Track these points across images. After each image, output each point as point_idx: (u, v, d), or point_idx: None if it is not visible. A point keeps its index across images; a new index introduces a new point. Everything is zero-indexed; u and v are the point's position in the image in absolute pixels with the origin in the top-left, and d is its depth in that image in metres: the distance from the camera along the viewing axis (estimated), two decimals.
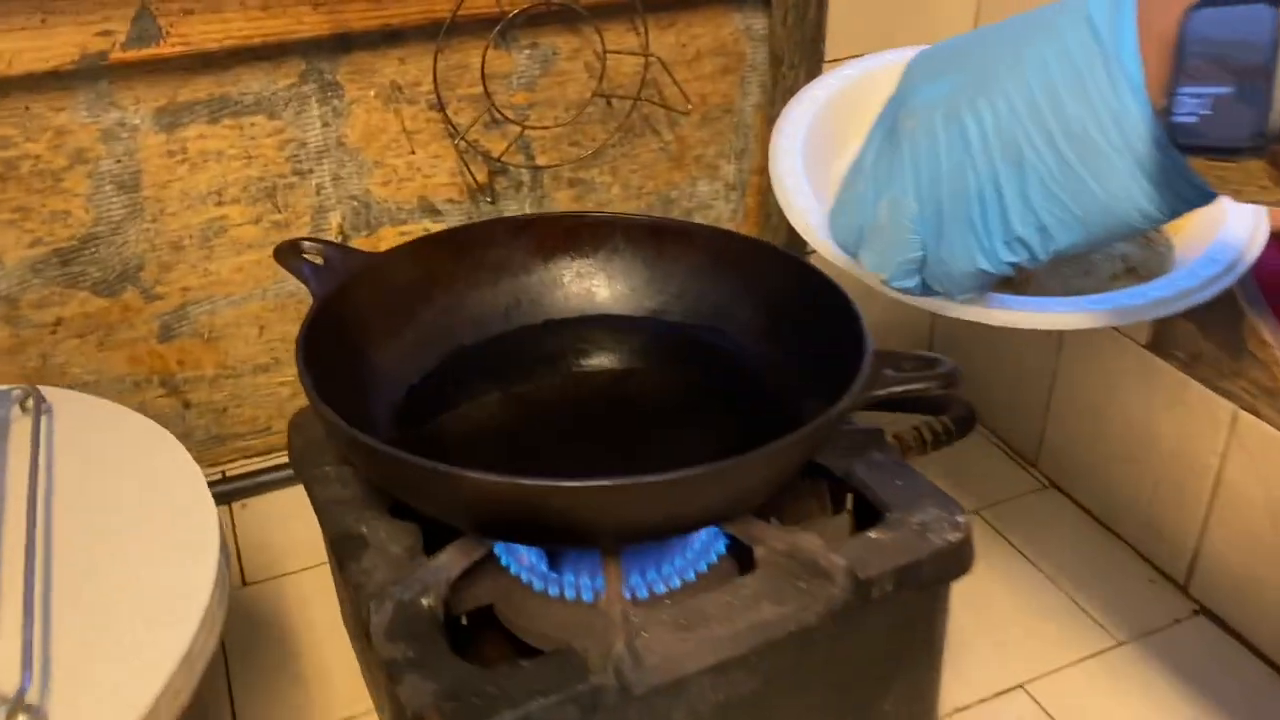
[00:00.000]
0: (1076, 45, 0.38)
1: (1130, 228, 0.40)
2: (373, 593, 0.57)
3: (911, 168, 0.43)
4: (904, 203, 0.44)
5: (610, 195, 0.96)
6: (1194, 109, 0.34)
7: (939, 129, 0.42)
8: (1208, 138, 0.34)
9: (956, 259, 0.44)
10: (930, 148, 0.42)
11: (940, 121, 0.42)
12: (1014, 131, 0.40)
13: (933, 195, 0.43)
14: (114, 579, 0.49)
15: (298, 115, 0.84)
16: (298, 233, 0.88)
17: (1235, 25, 0.33)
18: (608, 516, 0.54)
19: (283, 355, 0.92)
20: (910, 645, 0.62)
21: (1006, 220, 0.41)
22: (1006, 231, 0.41)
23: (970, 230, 0.42)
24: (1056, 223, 0.40)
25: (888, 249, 0.46)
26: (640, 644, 0.53)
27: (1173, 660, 0.73)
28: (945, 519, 0.61)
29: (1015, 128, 0.40)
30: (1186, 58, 0.34)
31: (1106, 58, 0.37)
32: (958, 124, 0.41)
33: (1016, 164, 0.40)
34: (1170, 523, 0.78)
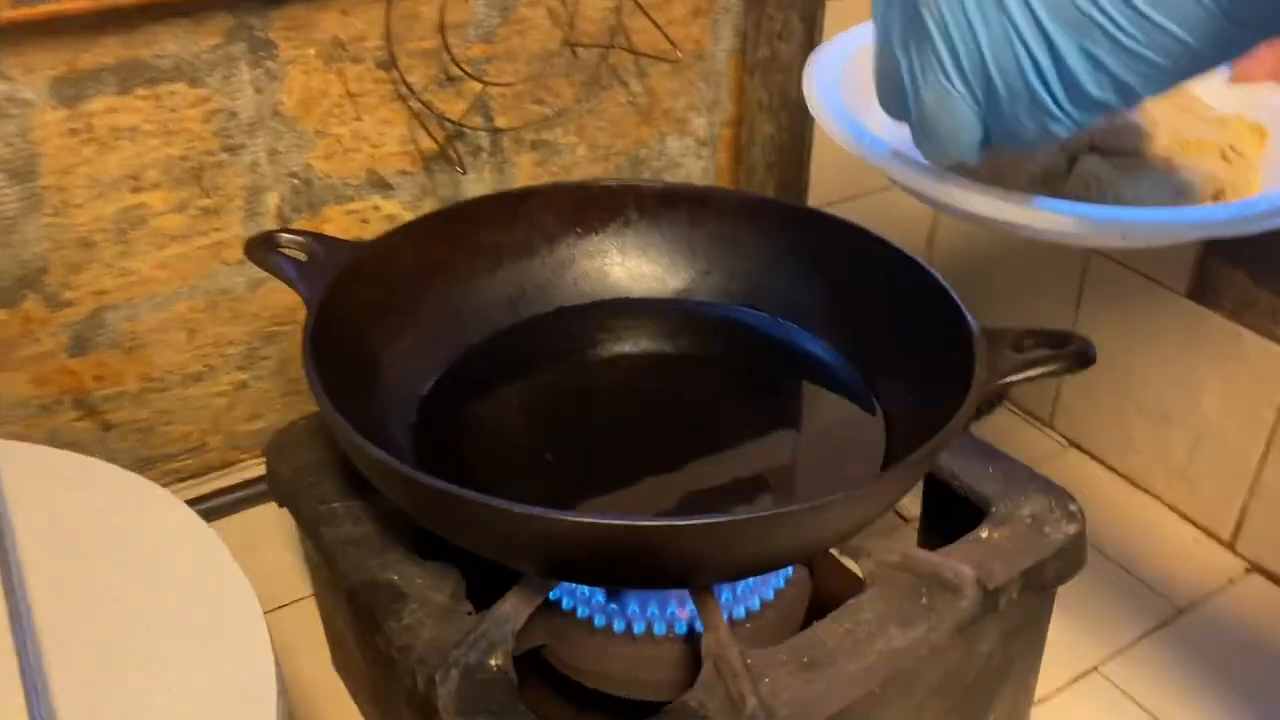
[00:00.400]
0: None
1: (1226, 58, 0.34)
2: (426, 657, 0.48)
3: (946, 49, 0.37)
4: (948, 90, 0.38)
5: (576, 157, 0.86)
6: None
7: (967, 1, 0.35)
8: None
9: (1024, 131, 0.37)
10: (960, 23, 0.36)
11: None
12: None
13: (979, 75, 0.37)
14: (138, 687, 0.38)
15: (225, 81, 0.71)
16: (229, 219, 0.75)
17: None
18: (714, 554, 0.45)
19: (216, 361, 0.80)
20: (1022, 651, 0.56)
21: (1076, 86, 0.35)
22: (1076, 97, 0.35)
23: (1035, 105, 0.36)
24: (1137, 77, 0.34)
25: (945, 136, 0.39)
26: (765, 692, 0.46)
27: (1234, 621, 0.70)
28: (1057, 510, 0.55)
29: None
30: None
31: None
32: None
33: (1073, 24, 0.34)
34: (1214, 480, 0.74)
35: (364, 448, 0.44)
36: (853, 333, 0.59)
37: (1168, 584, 0.72)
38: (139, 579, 0.41)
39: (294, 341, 0.82)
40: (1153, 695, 0.66)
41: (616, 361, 0.63)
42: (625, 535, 0.42)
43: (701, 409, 0.60)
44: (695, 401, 0.61)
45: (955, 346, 0.51)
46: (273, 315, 0.80)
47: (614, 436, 0.58)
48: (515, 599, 0.49)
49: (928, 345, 0.53)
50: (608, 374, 0.62)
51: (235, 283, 0.77)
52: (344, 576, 0.53)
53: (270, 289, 0.79)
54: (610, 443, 0.58)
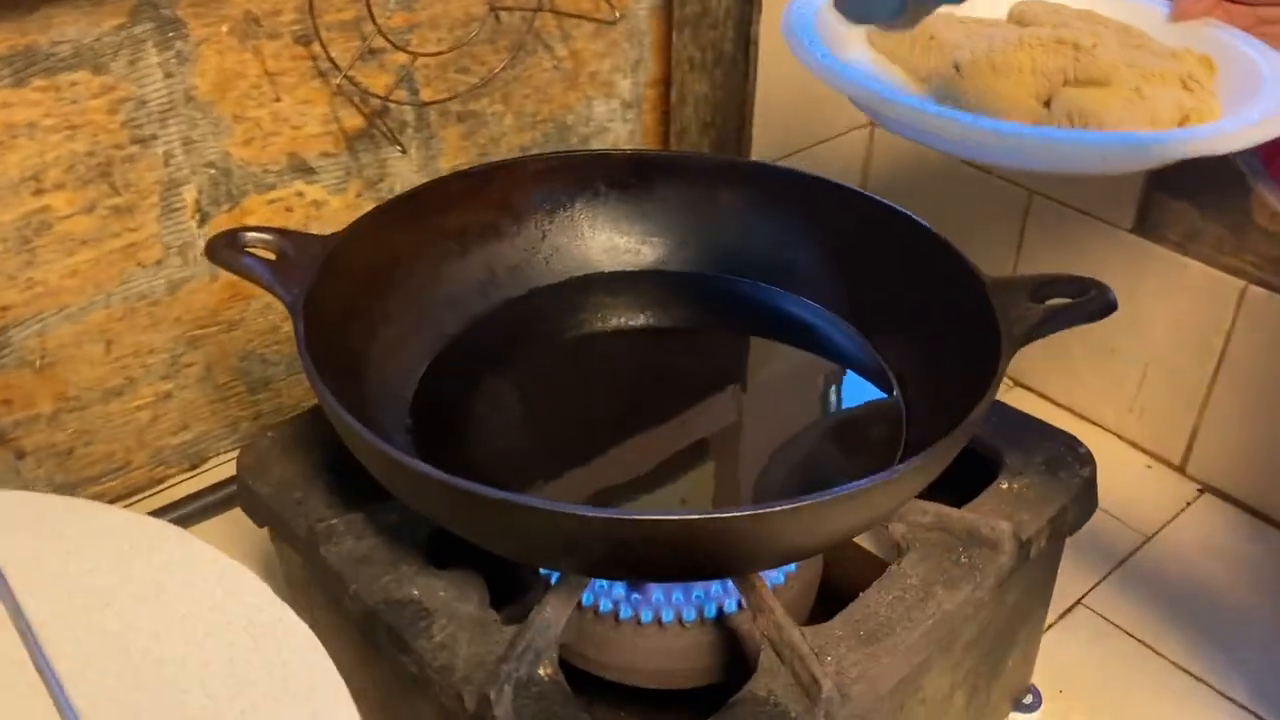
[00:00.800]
0: None
1: None
2: (471, 675, 0.45)
3: None
4: None
5: (504, 127, 0.82)
6: None
7: None
8: None
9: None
10: None
11: None
12: None
13: None
14: None
15: (131, 66, 0.64)
16: (144, 218, 0.69)
17: None
18: (768, 541, 0.43)
19: (137, 373, 0.73)
20: (1039, 596, 0.57)
21: None
22: None
23: None
24: None
25: None
26: (832, 671, 0.45)
27: (1194, 543, 0.73)
28: (1068, 453, 0.55)
29: None
30: None
31: None
32: None
33: None
34: (1163, 408, 0.77)
35: (402, 461, 0.40)
36: (847, 294, 0.58)
37: (1130, 513, 0.75)
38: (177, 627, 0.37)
39: (219, 345, 0.76)
40: (1136, 620, 0.68)
41: (599, 341, 0.61)
42: (679, 530, 0.40)
43: (699, 385, 0.58)
44: (691, 377, 0.59)
45: (966, 301, 0.51)
46: (195, 319, 0.74)
47: (615, 421, 0.56)
48: (555, 602, 0.47)
49: (933, 301, 0.53)
50: (593, 355, 0.60)
51: (154, 286, 0.71)
52: (356, 598, 0.49)
53: (192, 290, 0.73)
54: (612, 428, 0.55)
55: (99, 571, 0.39)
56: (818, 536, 0.44)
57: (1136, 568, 0.71)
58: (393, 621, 0.48)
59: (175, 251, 0.71)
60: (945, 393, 0.50)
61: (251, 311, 0.76)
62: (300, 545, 0.52)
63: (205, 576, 0.39)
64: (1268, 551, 0.72)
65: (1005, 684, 0.59)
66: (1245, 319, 0.70)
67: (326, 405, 0.44)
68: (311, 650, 0.37)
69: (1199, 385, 0.74)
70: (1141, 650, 0.66)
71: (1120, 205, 0.74)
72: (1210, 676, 0.64)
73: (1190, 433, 0.76)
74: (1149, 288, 0.74)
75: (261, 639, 0.37)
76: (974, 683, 0.55)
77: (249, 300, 0.75)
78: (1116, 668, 0.65)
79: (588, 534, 0.40)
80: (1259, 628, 0.67)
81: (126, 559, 0.40)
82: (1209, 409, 0.75)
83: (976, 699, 0.56)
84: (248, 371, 0.78)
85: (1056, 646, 0.66)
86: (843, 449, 0.54)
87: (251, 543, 0.63)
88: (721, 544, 0.41)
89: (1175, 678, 0.64)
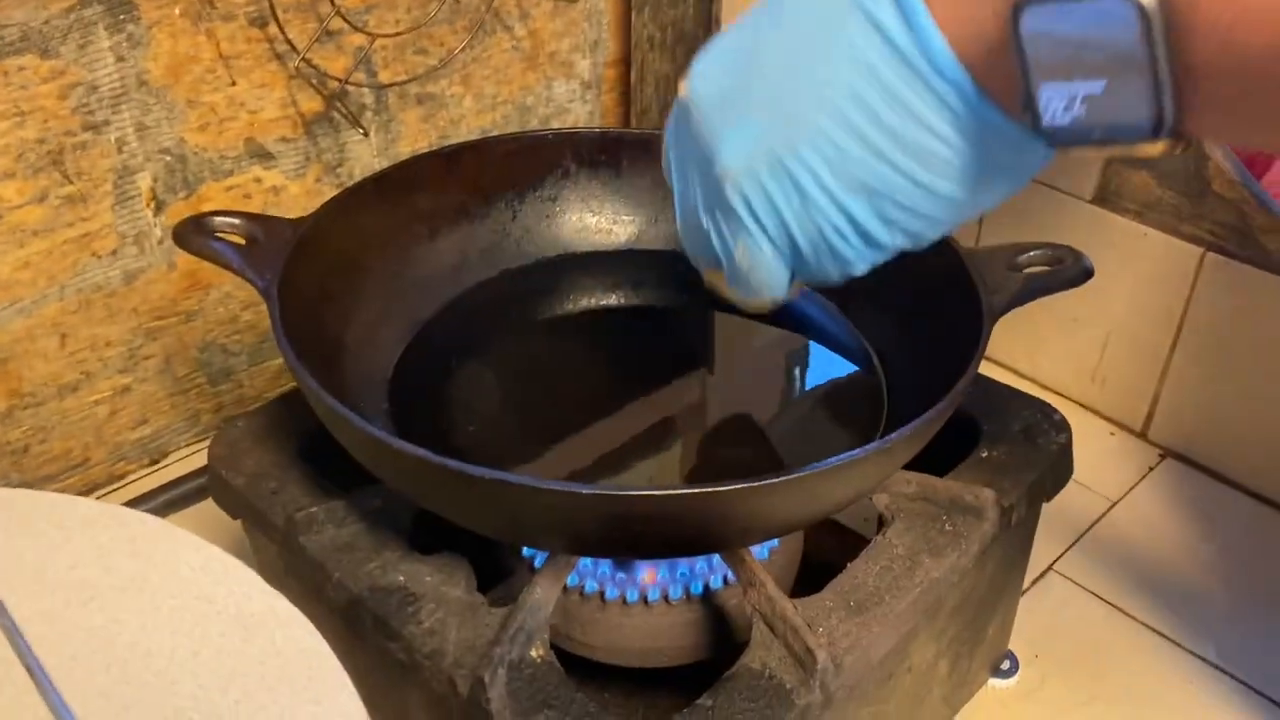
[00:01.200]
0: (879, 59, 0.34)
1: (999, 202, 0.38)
2: (462, 659, 0.44)
3: (752, 221, 0.39)
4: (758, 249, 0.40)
5: (464, 109, 0.81)
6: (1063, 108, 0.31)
7: (766, 181, 0.38)
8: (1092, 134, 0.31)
9: (830, 274, 0.40)
10: (764, 201, 0.38)
11: (765, 173, 0.38)
12: (847, 166, 0.36)
13: (783, 238, 0.39)
14: None
15: (81, 50, 0.63)
16: (98, 207, 0.67)
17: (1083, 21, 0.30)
18: (760, 515, 0.43)
19: (94, 366, 0.71)
20: (1017, 562, 0.58)
21: (871, 240, 0.38)
22: (874, 249, 0.39)
23: (836, 257, 0.39)
24: (923, 225, 0.38)
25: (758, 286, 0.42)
26: (825, 642, 0.45)
27: (1158, 508, 0.74)
28: (1043, 420, 0.56)
29: (847, 163, 0.36)
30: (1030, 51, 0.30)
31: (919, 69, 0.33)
32: (784, 173, 0.37)
33: (863, 193, 0.36)
34: (1125, 375, 0.78)
35: (393, 445, 0.40)
36: None
37: (1095, 479, 0.76)
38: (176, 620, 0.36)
39: (178, 336, 0.74)
40: (1105, 584, 0.69)
41: (574, 320, 0.60)
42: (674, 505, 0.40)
43: (676, 362, 0.58)
44: (667, 355, 0.58)
45: (944, 273, 0.51)
46: (153, 309, 0.72)
47: (592, 399, 0.55)
48: (544, 583, 0.46)
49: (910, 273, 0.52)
50: (568, 335, 0.59)
51: (109, 277, 0.69)
52: (341, 586, 0.48)
53: (149, 280, 0.71)
54: (589, 407, 0.55)
55: (80, 565, 0.38)
56: (811, 508, 0.44)
57: (1104, 533, 0.73)
58: (379, 609, 0.47)
59: (131, 241, 0.69)
60: (926, 364, 0.50)
61: (210, 301, 0.74)
62: (278, 535, 0.51)
63: (191, 566, 0.38)
64: (1228, 513, 0.74)
65: (985, 651, 0.59)
66: (1203, 285, 0.72)
67: (308, 390, 0.43)
68: (307, 636, 0.36)
69: (1159, 353, 0.76)
70: (1112, 613, 0.67)
71: (1081, 178, 0.75)
72: (1178, 635, 0.66)
73: (1152, 400, 0.78)
74: (1110, 257, 0.75)
75: (253, 627, 0.37)
76: (957, 650, 0.55)
77: (208, 289, 0.74)
78: (1088, 631, 0.66)
79: (581, 512, 0.40)
80: (1222, 586, 0.69)
81: (107, 551, 0.39)
82: (1169, 376, 0.76)
83: (959, 666, 0.56)
84: (208, 362, 0.76)
85: (1030, 613, 0.66)
86: (825, 423, 0.54)
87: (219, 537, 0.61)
88: (716, 518, 0.41)
89: (1145, 637, 0.66)
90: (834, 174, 0.36)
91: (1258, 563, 0.70)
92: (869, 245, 0.38)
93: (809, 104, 0.36)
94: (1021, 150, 0.34)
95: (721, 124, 0.38)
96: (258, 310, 0.76)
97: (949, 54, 0.33)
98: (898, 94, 0.34)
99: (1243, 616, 0.67)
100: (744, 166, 0.38)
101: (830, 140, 0.36)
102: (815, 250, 0.39)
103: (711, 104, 0.39)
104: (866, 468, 0.42)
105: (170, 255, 0.71)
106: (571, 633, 0.52)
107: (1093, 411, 0.81)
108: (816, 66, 0.35)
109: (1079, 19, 0.30)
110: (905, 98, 0.34)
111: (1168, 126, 0.30)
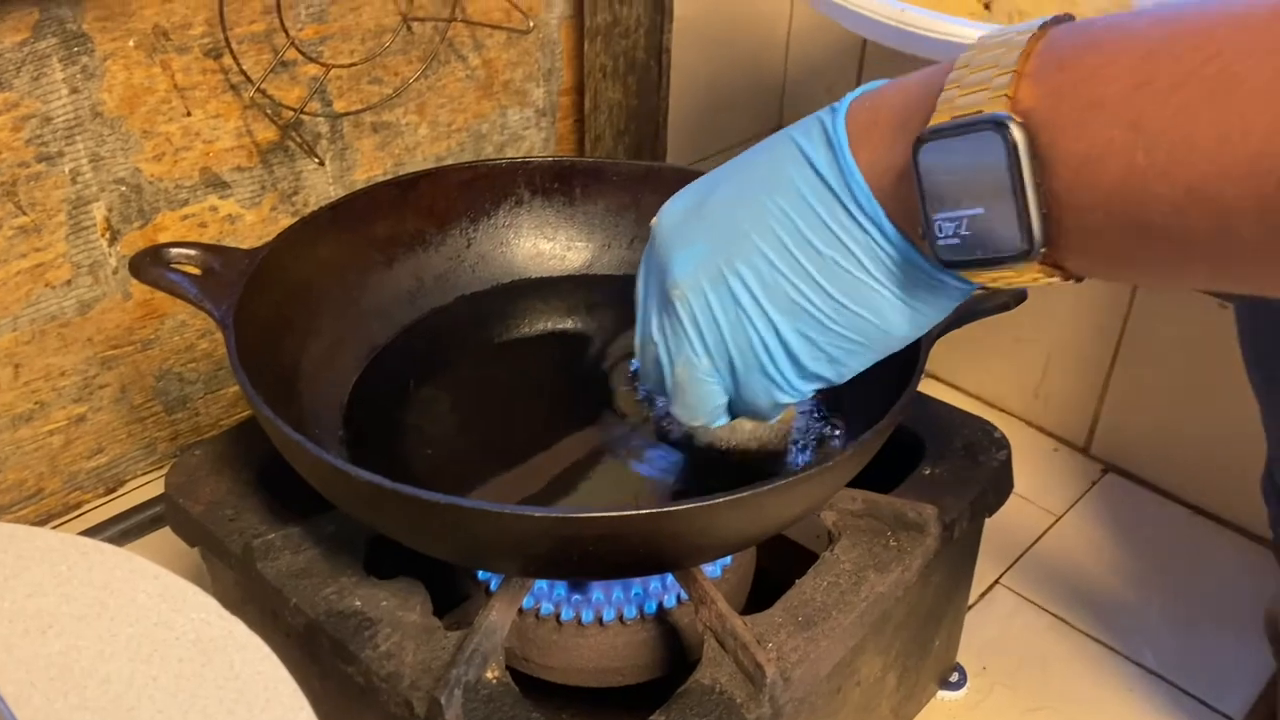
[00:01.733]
0: (809, 191, 0.39)
1: (916, 335, 0.41)
2: (418, 681, 0.45)
3: (694, 331, 0.43)
4: (696, 363, 0.44)
5: (419, 137, 0.82)
6: (952, 231, 0.35)
7: (708, 293, 0.42)
8: (975, 253, 0.35)
9: (759, 399, 0.44)
10: (705, 311, 0.43)
11: (707, 286, 0.42)
12: (778, 283, 0.40)
13: (720, 352, 0.43)
14: None
15: (35, 82, 0.63)
16: (52, 237, 0.67)
17: (964, 152, 0.34)
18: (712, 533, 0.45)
19: (48, 396, 0.71)
20: (962, 576, 0.59)
21: (796, 361, 0.42)
22: (799, 371, 0.42)
23: (764, 375, 0.43)
24: (844, 353, 0.41)
25: (694, 403, 0.45)
26: (775, 657, 0.46)
27: (1101, 521, 0.76)
28: (984, 438, 0.58)
29: (778, 280, 0.40)
30: (927, 183, 0.35)
31: (843, 200, 0.38)
32: (724, 285, 0.42)
33: (789, 311, 0.41)
34: (1067, 392, 0.81)
35: (347, 471, 0.41)
36: None
37: (1040, 495, 0.78)
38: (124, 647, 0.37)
39: (134, 365, 0.74)
40: (1050, 597, 0.71)
41: (528, 345, 0.61)
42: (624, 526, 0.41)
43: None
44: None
45: None
46: (108, 339, 0.72)
47: (546, 423, 0.56)
48: (500, 605, 0.47)
49: None
50: (523, 359, 0.60)
51: (63, 307, 0.69)
52: (297, 612, 0.49)
53: (104, 309, 0.71)
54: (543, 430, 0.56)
55: (38, 594, 0.38)
56: (758, 526, 0.45)
57: (1049, 547, 0.75)
58: (336, 633, 0.47)
59: (85, 270, 0.69)
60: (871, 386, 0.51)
61: (166, 330, 0.75)
62: (235, 562, 0.52)
63: (148, 593, 0.39)
64: (1167, 524, 0.76)
65: (933, 664, 0.61)
66: (1140, 303, 0.74)
67: (263, 418, 0.44)
68: (265, 660, 0.36)
69: (1100, 369, 0.78)
70: (1057, 624, 0.69)
71: None
72: (1119, 644, 0.68)
73: (1093, 416, 0.80)
74: None
75: (211, 653, 0.37)
76: (904, 663, 0.57)
77: (164, 318, 0.74)
78: (1034, 642, 0.68)
79: (535, 534, 0.41)
80: (1160, 595, 0.71)
81: (65, 580, 0.39)
82: (1109, 392, 0.78)
83: (907, 679, 0.58)
84: (164, 391, 0.76)
85: (978, 626, 0.68)
86: None
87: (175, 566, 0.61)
88: (666, 537, 0.43)
89: (1089, 648, 0.68)
90: (765, 290, 0.41)
91: (1195, 572, 0.73)
92: (795, 368, 0.42)
93: (750, 226, 0.40)
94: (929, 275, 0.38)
95: (678, 244, 0.43)
96: (214, 339, 0.77)
97: (865, 188, 0.37)
98: (823, 219, 0.38)
99: (1180, 624, 0.69)
100: (691, 280, 0.42)
101: (764, 257, 0.40)
102: (746, 368, 0.43)
103: (671, 229, 0.44)
104: (810, 486, 0.44)
105: (125, 284, 0.71)
106: (528, 655, 0.53)
107: (1036, 428, 0.83)
108: (760, 196, 0.40)
109: (963, 150, 0.34)
110: (829, 223, 0.38)
111: (1037, 249, 0.33)
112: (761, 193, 0.40)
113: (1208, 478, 0.76)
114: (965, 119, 0.33)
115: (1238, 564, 0.73)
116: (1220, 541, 0.75)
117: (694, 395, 0.45)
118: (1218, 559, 0.74)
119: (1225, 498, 0.75)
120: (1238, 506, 0.75)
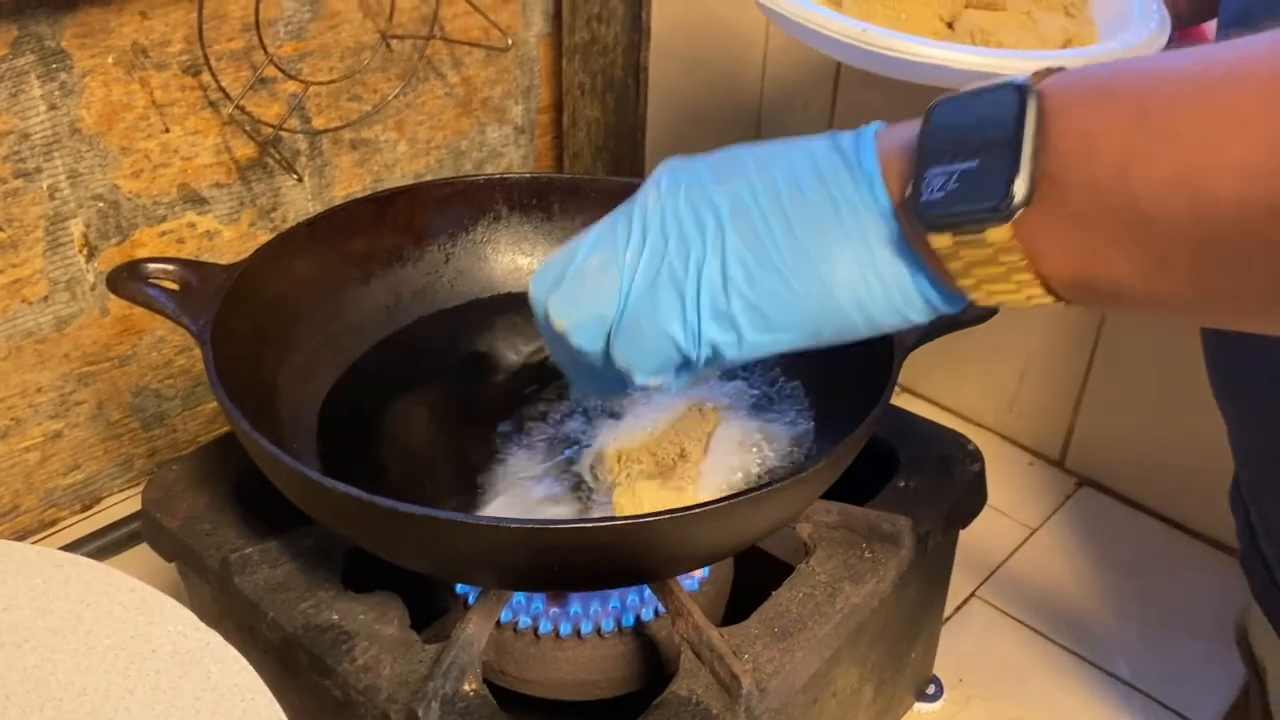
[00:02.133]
0: (822, 153, 0.39)
1: (845, 328, 0.40)
2: (396, 694, 0.45)
3: (639, 232, 0.42)
4: (618, 257, 0.42)
5: (397, 154, 0.82)
6: (940, 185, 0.35)
7: (681, 204, 0.41)
8: (951, 209, 0.35)
9: (656, 322, 0.41)
10: (661, 219, 0.41)
11: (682, 198, 0.41)
12: (751, 209, 0.40)
13: (652, 259, 0.41)
14: None
15: (13, 98, 0.63)
16: (29, 254, 0.67)
17: (978, 108, 0.35)
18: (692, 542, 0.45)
19: (24, 413, 0.71)
20: (937, 587, 0.60)
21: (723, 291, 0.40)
22: (715, 306, 0.40)
23: (679, 297, 0.41)
24: (773, 303, 0.40)
25: (582, 295, 0.42)
26: (751, 668, 0.46)
27: (1076, 534, 0.77)
28: (958, 450, 0.58)
29: (753, 207, 0.40)
30: (930, 141, 0.36)
31: (848, 162, 0.39)
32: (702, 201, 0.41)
33: (745, 235, 0.40)
34: (1042, 405, 0.81)
35: (325, 484, 0.41)
36: None
37: (1016, 508, 0.79)
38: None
39: (111, 381, 0.74)
40: (1025, 609, 0.71)
41: (505, 360, 0.61)
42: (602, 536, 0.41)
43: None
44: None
45: None
46: (85, 355, 0.72)
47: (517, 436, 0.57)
48: (477, 618, 0.47)
49: None
50: (499, 374, 0.61)
51: (40, 323, 0.69)
52: (275, 626, 0.49)
53: (81, 326, 0.71)
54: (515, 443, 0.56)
55: (14, 608, 0.38)
56: (734, 537, 0.45)
57: (1024, 559, 0.75)
58: (313, 647, 0.47)
59: (63, 287, 0.69)
60: (847, 398, 0.52)
61: (144, 346, 0.75)
62: (212, 577, 0.52)
63: (125, 606, 0.39)
64: (1140, 537, 0.77)
65: (909, 676, 0.61)
66: (1114, 316, 0.75)
67: (241, 432, 0.44)
68: (242, 672, 0.37)
69: (1074, 382, 0.79)
70: (1032, 636, 0.70)
71: None
72: (1094, 656, 0.68)
73: (1068, 429, 0.81)
74: None
75: (188, 664, 0.37)
76: (880, 675, 0.57)
77: (141, 334, 0.74)
78: (1011, 654, 0.68)
79: (511, 545, 0.41)
80: (1134, 607, 0.71)
81: (41, 594, 0.39)
82: (1084, 405, 0.79)
83: (883, 691, 0.58)
84: (141, 408, 0.76)
85: (954, 638, 0.69)
86: None
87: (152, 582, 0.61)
88: (642, 548, 0.43)
89: (1064, 659, 0.68)
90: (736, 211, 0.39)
91: (1168, 584, 0.73)
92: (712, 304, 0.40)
93: (751, 166, 0.40)
94: (894, 247, 0.38)
95: (675, 170, 0.42)
96: (191, 355, 0.77)
97: (874, 150, 0.38)
98: (820, 172, 0.39)
99: (1154, 635, 0.69)
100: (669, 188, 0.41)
101: (749, 184, 0.40)
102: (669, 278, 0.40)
103: (686, 161, 0.43)
104: (785, 497, 0.44)
105: (103, 301, 0.71)
106: (506, 668, 0.53)
107: (1012, 441, 0.84)
108: (778, 149, 0.41)
109: (977, 106, 0.35)
110: (824, 172, 0.39)
111: (1013, 207, 0.33)
112: (780, 148, 0.41)
113: (1180, 491, 0.77)
114: (988, 85, 0.35)
115: (1210, 575, 0.74)
116: (1192, 553, 0.76)
117: (588, 287, 0.42)
118: (1190, 571, 0.74)
119: (1197, 511, 0.76)
120: (1210, 519, 0.76)
